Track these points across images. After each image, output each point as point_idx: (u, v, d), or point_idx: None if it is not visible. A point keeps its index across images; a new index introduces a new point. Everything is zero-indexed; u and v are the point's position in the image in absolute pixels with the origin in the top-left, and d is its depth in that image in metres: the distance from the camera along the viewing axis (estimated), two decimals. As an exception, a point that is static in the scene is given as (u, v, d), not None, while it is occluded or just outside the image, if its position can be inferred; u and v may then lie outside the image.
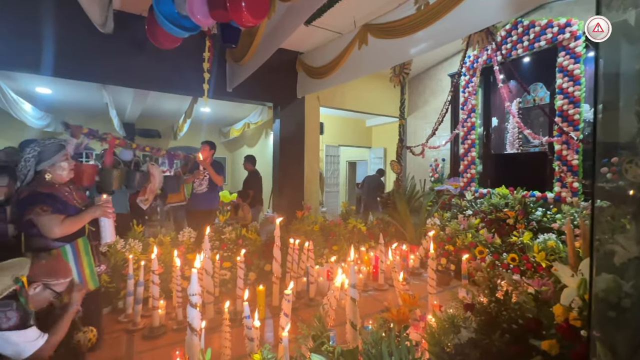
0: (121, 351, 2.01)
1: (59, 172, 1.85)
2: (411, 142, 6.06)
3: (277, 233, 2.68)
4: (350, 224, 4.04)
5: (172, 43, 2.91)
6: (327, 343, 1.13)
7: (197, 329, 1.32)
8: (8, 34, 3.05)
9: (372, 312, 2.51)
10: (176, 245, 2.96)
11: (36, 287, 1.45)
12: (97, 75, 3.64)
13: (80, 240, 1.84)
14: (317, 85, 4.59)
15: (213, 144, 4.13)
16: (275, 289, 2.64)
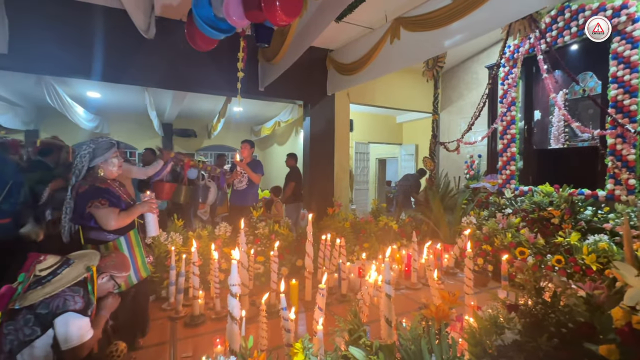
0: (166, 337, 2.14)
1: (110, 167, 2.00)
2: (444, 138, 5.86)
3: (310, 229, 2.71)
4: (382, 221, 4.00)
5: (209, 45, 3.03)
6: (364, 337, 1.13)
7: (237, 317, 1.38)
8: (65, 44, 3.33)
9: (404, 310, 2.47)
10: (213, 239, 3.09)
11: (104, 278, 1.60)
12: (141, 79, 3.88)
13: (132, 232, 1.99)
14: (347, 82, 4.58)
15: (252, 143, 4.33)
16: (307, 284, 2.68)
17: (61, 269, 1.42)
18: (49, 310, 1.33)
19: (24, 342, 1.28)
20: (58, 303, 1.35)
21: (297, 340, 1.57)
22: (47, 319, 1.32)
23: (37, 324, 1.31)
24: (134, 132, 8.58)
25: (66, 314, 1.34)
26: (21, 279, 1.32)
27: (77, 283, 1.42)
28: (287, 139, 8.66)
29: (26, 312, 1.31)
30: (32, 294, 1.33)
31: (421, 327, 1.15)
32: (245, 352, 1.04)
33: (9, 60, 3.20)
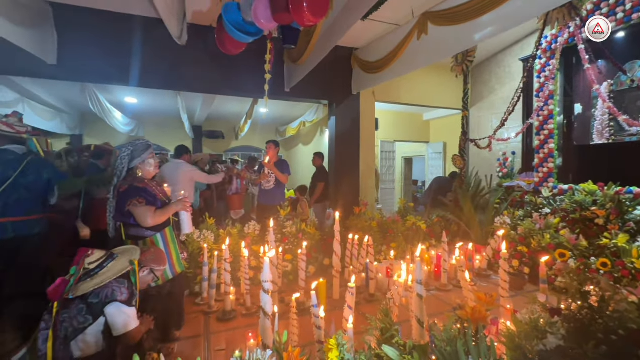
0: (200, 330, 2.23)
1: (147, 168, 2.12)
2: (475, 135, 5.65)
3: (337, 228, 2.72)
4: (409, 221, 3.92)
5: (238, 49, 3.12)
6: (397, 336, 1.12)
7: (269, 313, 1.41)
8: (107, 54, 3.56)
9: (435, 311, 2.42)
10: (243, 237, 3.18)
11: (144, 271, 1.71)
12: (174, 84, 4.07)
13: (167, 229, 2.09)
14: (373, 81, 4.53)
15: (277, 143, 4.45)
16: (335, 283, 2.69)
17: (107, 262, 1.53)
18: (99, 300, 1.43)
19: (78, 329, 1.39)
20: (107, 293, 1.45)
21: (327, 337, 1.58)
22: (97, 308, 1.42)
23: (88, 312, 1.41)
24: (167, 135, 8.99)
25: (114, 303, 1.44)
26: (73, 272, 1.44)
27: (122, 275, 1.52)
28: (312, 138, 8.72)
29: (79, 301, 1.42)
30: (83, 285, 1.44)
31: (456, 328, 1.12)
32: (280, 346, 1.06)
33: (57, 70, 3.46)
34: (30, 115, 5.45)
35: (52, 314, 1.35)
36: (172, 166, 4.07)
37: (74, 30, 3.46)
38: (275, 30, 3.54)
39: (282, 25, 2.83)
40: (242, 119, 7.86)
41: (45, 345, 1.32)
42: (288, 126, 8.47)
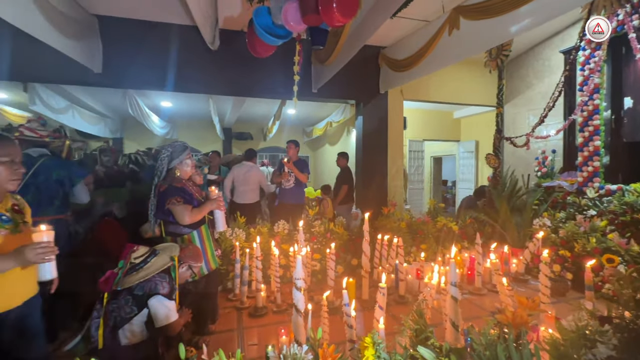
0: (233, 325, 2.31)
1: (185, 168, 2.22)
2: (510, 132, 5.39)
3: (366, 228, 2.70)
4: (440, 222, 3.81)
5: (267, 52, 3.19)
6: (432, 338, 1.10)
7: (301, 310, 1.43)
8: (146, 61, 3.79)
9: (469, 316, 2.34)
10: (272, 235, 3.24)
11: (183, 267, 1.81)
12: (206, 87, 4.24)
13: (203, 227, 2.19)
14: (401, 79, 4.46)
15: (297, 143, 4.56)
16: (364, 283, 2.67)
17: (150, 257, 1.63)
18: (144, 293, 1.53)
19: (125, 318, 1.49)
20: (150, 286, 1.55)
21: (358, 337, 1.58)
22: (142, 299, 1.52)
23: (134, 303, 1.51)
24: (199, 137, 9.37)
25: (156, 296, 1.54)
26: (121, 265, 1.55)
27: (163, 270, 1.62)
28: (338, 138, 8.72)
29: (126, 293, 1.53)
30: (129, 278, 1.54)
31: (495, 332, 1.08)
32: (315, 343, 1.08)
33: (103, 78, 3.72)
34: (78, 120, 5.90)
35: (103, 303, 1.46)
36: (244, 168, 4.39)
37: (117, 40, 3.71)
38: (304, 32, 3.58)
39: (310, 27, 2.87)
40: (270, 120, 8.01)
41: (97, 332, 1.43)
42: (314, 127, 8.53)
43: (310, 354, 0.95)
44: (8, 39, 3.31)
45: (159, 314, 1.53)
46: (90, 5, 3.50)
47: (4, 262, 1.22)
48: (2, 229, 1.28)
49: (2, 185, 1.34)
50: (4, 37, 3.29)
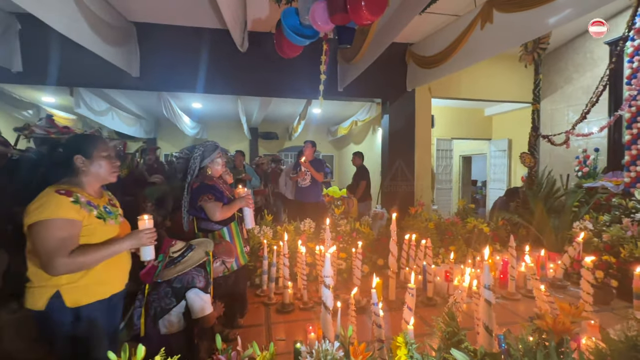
0: (261, 320, 2.37)
1: (216, 167, 2.30)
2: (547, 130, 5.10)
3: (394, 228, 2.67)
4: (470, 223, 3.69)
5: (295, 52, 3.23)
6: (466, 341, 1.07)
7: (330, 307, 1.45)
8: (180, 65, 3.98)
9: (501, 321, 2.25)
10: (298, 233, 3.28)
11: (217, 262, 1.89)
12: (235, 88, 4.37)
13: (233, 224, 2.26)
14: (429, 76, 4.35)
15: (314, 143, 4.67)
16: (391, 283, 2.64)
17: (187, 252, 1.71)
18: (182, 285, 1.61)
19: (164, 309, 1.58)
20: (188, 279, 1.63)
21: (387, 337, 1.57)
22: (180, 292, 1.60)
23: (173, 295, 1.60)
24: (227, 137, 9.65)
25: (193, 289, 1.61)
26: (160, 259, 1.63)
27: (199, 265, 1.69)
28: (363, 137, 8.65)
29: (165, 285, 1.61)
30: (168, 271, 1.63)
31: (534, 339, 1.03)
32: (346, 340, 1.09)
33: (140, 81, 3.94)
34: (117, 122, 6.27)
35: (145, 294, 1.55)
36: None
37: (153, 45, 3.91)
38: (331, 31, 3.59)
39: (337, 26, 2.87)
40: (295, 119, 8.10)
41: (139, 320, 1.52)
42: (339, 126, 8.51)
43: (341, 351, 0.96)
44: (57, 47, 3.58)
45: (195, 307, 1.60)
46: (128, 13, 3.71)
47: (122, 243, 1.41)
48: (109, 219, 1.42)
49: (106, 178, 1.47)
50: (53, 45, 3.57)
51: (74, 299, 1.31)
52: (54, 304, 1.28)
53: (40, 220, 1.25)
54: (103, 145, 1.45)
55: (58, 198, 1.30)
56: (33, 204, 1.28)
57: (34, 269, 1.31)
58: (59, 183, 1.37)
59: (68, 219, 1.29)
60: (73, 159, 1.38)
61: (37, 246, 1.26)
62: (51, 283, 1.29)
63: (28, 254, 1.32)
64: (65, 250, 1.26)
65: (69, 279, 1.30)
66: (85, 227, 1.34)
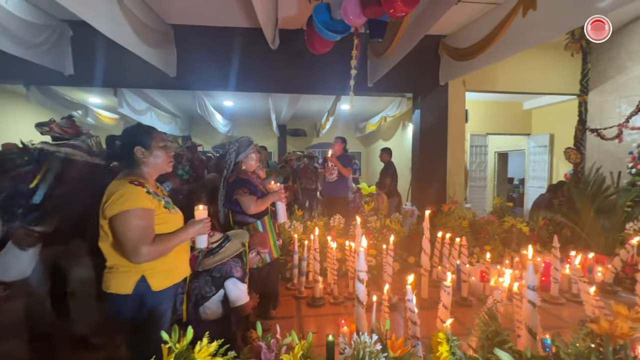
0: (292, 312, 2.41)
1: (250, 162, 2.37)
2: (595, 123, 4.72)
3: (427, 225, 2.61)
4: (507, 222, 3.51)
5: (325, 48, 3.24)
6: (510, 342, 1.03)
7: (363, 302, 1.45)
8: (214, 64, 4.12)
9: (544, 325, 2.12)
10: (328, 229, 3.30)
11: (252, 253, 1.95)
12: (266, 86, 4.45)
13: (266, 217, 2.31)
14: (464, 68, 4.17)
15: (344, 139, 4.66)
16: (424, 281, 2.59)
17: (224, 243, 1.78)
18: (221, 275, 1.68)
19: (205, 297, 1.65)
20: (227, 269, 1.70)
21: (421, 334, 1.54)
22: (219, 281, 1.68)
23: (213, 284, 1.67)
24: (256, 134, 9.86)
25: (232, 279, 1.68)
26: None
27: (236, 255, 1.76)
28: (392, 134, 8.49)
29: (205, 274, 1.69)
30: (208, 261, 1.70)
31: (586, 344, 0.97)
32: (383, 334, 1.08)
33: (177, 81, 4.12)
34: (155, 121, 6.61)
35: (186, 281, 1.64)
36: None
37: (189, 46, 4.07)
38: (362, 26, 3.55)
39: (369, 19, 2.83)
40: (323, 116, 8.11)
41: (181, 306, 1.61)
42: (368, 122, 8.41)
43: (379, 344, 0.95)
44: (103, 51, 3.84)
45: (232, 296, 1.67)
46: (166, 16, 3.89)
47: (187, 232, 1.46)
48: (171, 209, 1.50)
49: (163, 168, 1.52)
50: (100, 49, 3.82)
51: (157, 283, 1.39)
52: (141, 287, 1.35)
53: (123, 211, 1.30)
54: (159, 136, 1.50)
55: (135, 188, 1.35)
56: (112, 196, 1.33)
57: (117, 257, 1.36)
58: (125, 175, 1.43)
59: (147, 208, 1.35)
60: (134, 150, 1.43)
61: (120, 235, 1.31)
62: (135, 269, 1.36)
63: (105, 244, 1.38)
64: (148, 239, 1.32)
65: (151, 265, 1.36)
66: (157, 216, 1.40)
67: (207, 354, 0.84)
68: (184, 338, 0.86)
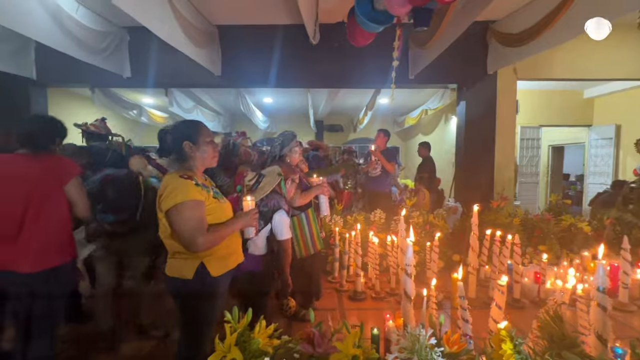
0: (334, 304, 2.44)
1: (294, 155, 2.41)
2: (674, 112, 4.17)
3: (475, 222, 2.49)
4: (566, 221, 3.24)
5: (367, 40, 3.19)
6: (579, 346, 0.95)
7: (411, 296, 1.42)
8: (257, 62, 4.24)
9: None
10: (368, 224, 3.27)
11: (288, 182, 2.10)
12: (307, 81, 4.51)
13: (310, 210, 2.35)
14: (516, 55, 3.89)
15: (387, 132, 4.56)
16: (471, 280, 2.47)
17: (260, 178, 1.90)
18: (268, 209, 1.84)
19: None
20: (274, 202, 1.86)
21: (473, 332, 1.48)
22: (267, 215, 1.84)
23: (261, 218, 1.82)
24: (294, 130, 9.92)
25: (280, 211, 1.85)
26: (239, 190, 1.80)
27: (276, 192, 1.89)
28: (434, 127, 8.17)
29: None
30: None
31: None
32: (437, 328, 1.05)
33: (222, 80, 4.31)
34: (201, 119, 6.98)
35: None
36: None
37: (232, 45, 4.23)
38: (405, 15, 3.44)
39: (415, 8, 2.73)
40: (361, 111, 8.01)
41: None
42: (407, 116, 8.16)
43: (434, 339, 0.93)
44: (156, 54, 4.12)
45: (279, 228, 1.82)
46: (212, 17, 4.06)
47: (236, 223, 1.54)
48: (220, 199, 1.56)
49: (210, 162, 1.57)
50: (153, 53, 4.11)
51: (215, 269, 1.47)
52: (201, 273, 1.43)
53: (177, 204, 1.36)
54: (207, 132, 1.57)
55: (184, 182, 1.41)
56: (164, 190, 1.40)
57: (176, 245, 1.44)
58: (175, 169, 1.51)
59: (198, 200, 1.41)
60: (182, 145, 1.49)
61: (177, 227, 1.38)
62: (194, 256, 1.43)
63: (165, 234, 1.46)
64: (202, 229, 1.39)
65: (208, 252, 1.44)
66: (207, 206, 1.46)
67: (265, 335, 0.88)
68: (243, 319, 0.91)
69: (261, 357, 0.82)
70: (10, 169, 1.68)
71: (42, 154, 1.72)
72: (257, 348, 0.84)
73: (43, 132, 1.76)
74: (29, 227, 1.63)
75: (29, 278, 1.61)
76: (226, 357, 0.80)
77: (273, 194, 1.84)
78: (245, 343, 0.85)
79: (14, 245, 1.61)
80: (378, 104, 7.27)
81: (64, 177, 1.74)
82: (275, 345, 0.90)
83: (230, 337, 0.83)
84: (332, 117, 9.91)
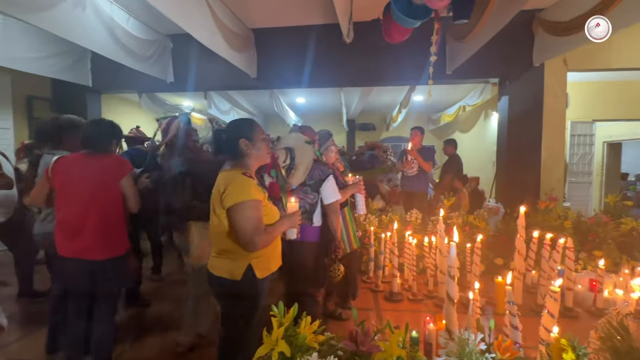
0: (370, 305, 2.41)
1: (330, 153, 2.43)
2: None
3: (522, 223, 2.34)
4: (626, 224, 2.95)
5: (403, 36, 3.12)
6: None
7: (454, 299, 1.37)
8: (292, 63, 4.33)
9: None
10: (404, 224, 3.20)
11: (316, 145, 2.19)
12: (341, 80, 4.52)
13: (346, 209, 2.35)
14: (566, 45, 3.61)
15: (422, 129, 4.43)
16: (517, 285, 2.33)
17: (292, 154, 1.93)
18: (314, 180, 1.93)
19: (312, 204, 1.94)
20: (318, 172, 1.94)
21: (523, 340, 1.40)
22: (316, 185, 1.93)
23: (312, 191, 1.93)
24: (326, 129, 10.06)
25: (329, 177, 1.94)
26: (274, 174, 1.80)
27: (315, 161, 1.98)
28: (472, 124, 7.81)
29: (300, 187, 1.93)
30: (293, 178, 1.92)
31: None
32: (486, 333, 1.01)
33: (257, 82, 4.44)
34: (236, 120, 7.22)
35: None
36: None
37: (267, 47, 4.34)
38: (444, 8, 3.32)
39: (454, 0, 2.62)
40: (394, 109, 7.85)
41: None
42: (443, 113, 7.86)
43: (483, 344, 0.89)
44: (196, 59, 4.33)
45: (327, 193, 1.92)
46: (248, 21, 4.20)
47: (283, 224, 1.56)
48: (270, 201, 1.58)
49: (264, 159, 1.59)
50: (193, 58, 4.33)
51: (261, 271, 1.49)
52: (248, 275, 1.45)
53: (241, 202, 1.37)
54: (261, 129, 1.59)
55: (248, 180, 1.42)
56: (227, 187, 1.40)
57: (228, 243, 1.45)
58: (232, 166, 1.51)
59: (258, 199, 1.42)
60: (239, 142, 1.49)
61: (236, 225, 1.38)
62: (243, 257, 1.44)
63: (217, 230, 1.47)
64: (260, 229, 1.40)
65: (256, 254, 1.45)
66: (263, 207, 1.47)
67: (311, 331, 0.90)
68: (288, 314, 0.93)
69: (309, 352, 0.83)
70: (78, 167, 1.88)
71: (103, 154, 1.90)
72: (304, 343, 0.85)
73: (104, 135, 1.96)
74: (95, 219, 1.82)
75: (98, 265, 1.82)
76: (274, 349, 0.83)
77: (313, 163, 1.92)
78: (292, 337, 0.86)
79: (83, 235, 1.80)
80: (412, 101, 7.07)
81: (121, 172, 1.93)
82: (320, 341, 0.92)
83: (277, 330, 0.86)
84: (364, 116, 9.80)
